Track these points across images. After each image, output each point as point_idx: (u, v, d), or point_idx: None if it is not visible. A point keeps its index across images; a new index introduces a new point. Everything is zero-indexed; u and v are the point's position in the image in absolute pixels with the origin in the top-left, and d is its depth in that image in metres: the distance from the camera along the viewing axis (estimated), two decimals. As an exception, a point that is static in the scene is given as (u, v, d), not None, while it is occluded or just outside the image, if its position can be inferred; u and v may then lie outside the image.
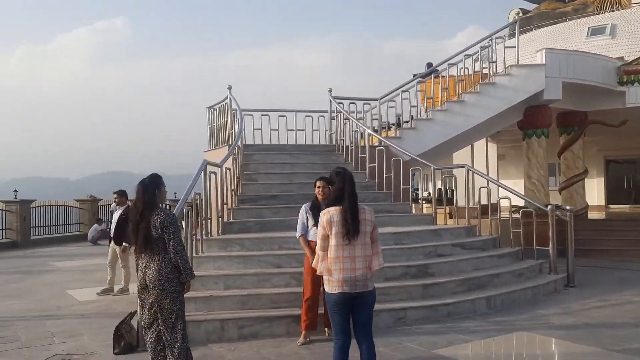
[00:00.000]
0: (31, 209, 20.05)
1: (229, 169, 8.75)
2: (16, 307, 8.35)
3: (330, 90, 11.43)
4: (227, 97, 10.75)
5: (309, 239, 5.92)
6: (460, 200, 9.89)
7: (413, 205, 10.66)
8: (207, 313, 6.31)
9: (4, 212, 19.14)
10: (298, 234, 6.02)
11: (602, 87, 12.83)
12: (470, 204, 9.31)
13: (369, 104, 11.89)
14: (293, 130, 11.57)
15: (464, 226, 9.15)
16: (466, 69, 11.82)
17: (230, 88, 10.68)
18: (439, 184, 17.07)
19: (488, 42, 12.11)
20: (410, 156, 9.98)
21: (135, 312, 6.00)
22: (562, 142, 14.22)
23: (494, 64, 11.95)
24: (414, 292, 6.96)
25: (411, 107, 11.77)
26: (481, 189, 9.28)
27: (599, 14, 25.38)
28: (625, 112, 13.33)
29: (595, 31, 20.78)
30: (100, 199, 23.40)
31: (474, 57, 11.92)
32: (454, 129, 11.65)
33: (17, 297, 9.25)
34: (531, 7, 31.11)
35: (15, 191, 19.68)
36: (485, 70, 11.95)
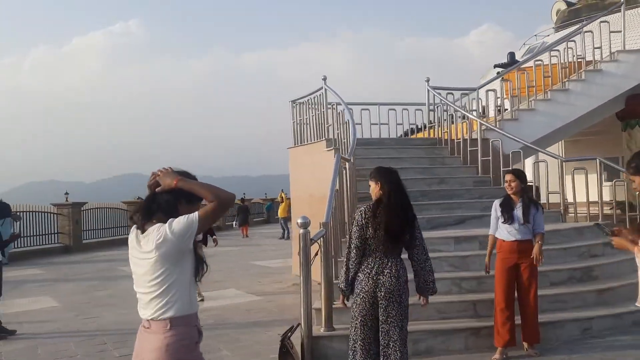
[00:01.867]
0: (82, 212, 19.53)
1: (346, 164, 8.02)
2: (126, 318, 7.67)
3: (427, 80, 10.66)
4: (320, 89, 10.03)
5: (499, 237, 5.22)
6: (579, 196, 9.06)
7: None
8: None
9: (55, 215, 18.62)
10: (490, 231, 5.35)
11: None
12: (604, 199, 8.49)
13: (467, 94, 11.10)
14: (386, 124, 10.84)
15: (604, 223, 8.34)
16: (560, 57, 10.91)
17: (325, 79, 9.97)
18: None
19: (590, 27, 11.28)
20: (536, 149, 9.20)
21: (299, 325, 5.31)
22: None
23: (599, 49, 11.12)
24: (588, 299, 6.19)
25: (511, 97, 10.96)
26: (616, 183, 8.47)
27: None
28: None
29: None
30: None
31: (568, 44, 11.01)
32: (559, 120, 10.86)
33: (114, 307, 8.61)
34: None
35: (67, 194, 19.16)
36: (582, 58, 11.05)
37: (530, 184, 8.56)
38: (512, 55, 14.97)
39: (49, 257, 16.78)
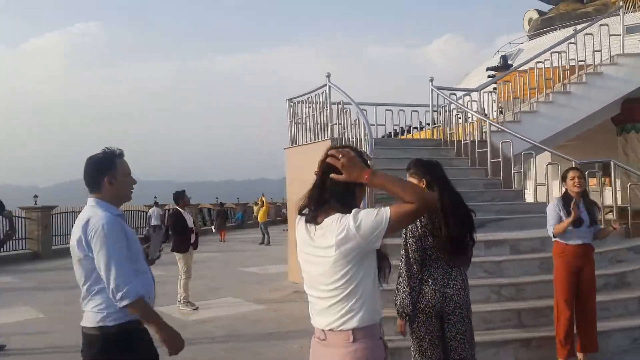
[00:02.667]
0: (52, 216, 18.47)
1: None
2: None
3: (431, 80, 10.36)
4: (323, 86, 9.59)
5: (561, 240, 4.88)
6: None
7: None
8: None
9: (23, 219, 17.53)
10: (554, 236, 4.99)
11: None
12: (618, 202, 8.32)
13: (470, 94, 10.86)
14: (383, 124, 10.53)
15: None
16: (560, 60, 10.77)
17: (329, 76, 9.55)
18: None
19: (589, 30, 11.19)
20: (549, 151, 8.99)
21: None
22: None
23: (599, 52, 11.05)
24: (630, 307, 5.93)
25: (513, 98, 10.77)
26: (631, 186, 8.31)
27: (618, 14, 25.09)
28: None
29: (632, 29, 20.27)
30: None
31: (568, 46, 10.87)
32: (561, 123, 10.71)
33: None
34: (546, 8, 30.66)
35: (35, 197, 18.12)
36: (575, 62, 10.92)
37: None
38: (504, 58, 14.89)
39: (17, 264, 15.73)
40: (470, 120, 10.33)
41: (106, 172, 2.71)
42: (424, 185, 3.59)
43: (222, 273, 12.08)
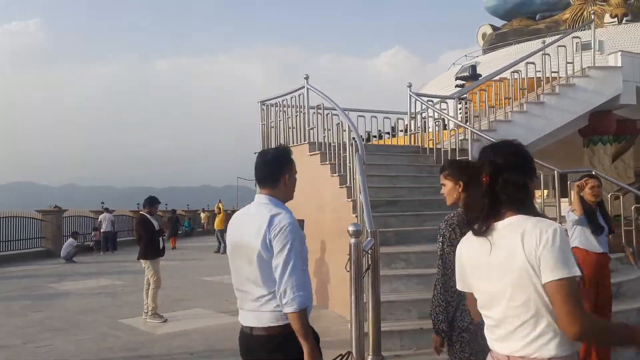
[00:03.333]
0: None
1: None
2: (86, 346, 6.33)
3: (409, 86, 10.14)
4: (300, 88, 9.21)
5: (582, 246, 4.65)
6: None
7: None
8: (417, 353, 4.82)
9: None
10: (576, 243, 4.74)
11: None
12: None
13: (446, 102, 10.72)
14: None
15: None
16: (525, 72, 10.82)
17: (307, 78, 9.17)
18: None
19: (562, 42, 11.31)
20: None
21: (349, 353, 4.42)
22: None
23: (571, 64, 11.16)
24: (631, 318, 5.81)
25: (487, 107, 10.69)
26: (612, 197, 8.31)
27: (571, 32, 26.03)
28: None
29: (585, 46, 20.97)
30: (66, 210, 20.60)
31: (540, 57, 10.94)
32: (535, 133, 10.69)
33: (64, 332, 7.20)
34: (499, 23, 31.51)
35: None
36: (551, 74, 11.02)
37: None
38: (473, 68, 14.96)
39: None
40: (448, 127, 10.17)
41: (286, 170, 2.66)
42: (460, 189, 3.24)
43: (183, 283, 11.40)
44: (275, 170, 2.64)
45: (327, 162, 8.30)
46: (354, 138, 7.58)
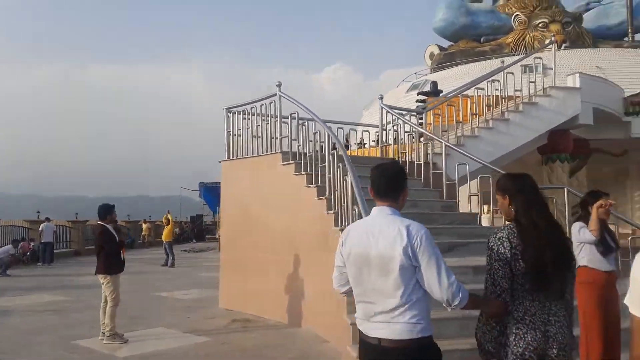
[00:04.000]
0: None
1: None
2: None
3: (381, 98, 10.00)
4: (272, 96, 8.88)
5: (592, 265, 4.52)
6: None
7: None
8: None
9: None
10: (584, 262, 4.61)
11: (615, 115, 12.87)
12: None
13: (416, 115, 10.64)
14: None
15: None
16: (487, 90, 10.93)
17: (279, 85, 8.84)
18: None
19: (529, 61, 11.53)
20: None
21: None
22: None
23: (533, 84, 11.36)
24: (624, 336, 5.75)
25: (455, 122, 10.67)
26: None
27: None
28: (628, 142, 13.55)
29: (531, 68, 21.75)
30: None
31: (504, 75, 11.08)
32: (500, 149, 10.78)
33: (15, 356, 6.49)
34: (446, 43, 32.29)
35: None
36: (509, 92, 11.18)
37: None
38: (434, 84, 15.04)
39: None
40: (418, 141, 10.06)
41: (405, 183, 2.87)
42: (507, 202, 3.02)
43: (137, 299, 10.69)
44: (397, 184, 2.81)
45: (303, 172, 7.96)
46: (334, 147, 7.32)
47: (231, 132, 9.84)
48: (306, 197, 7.82)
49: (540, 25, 29.13)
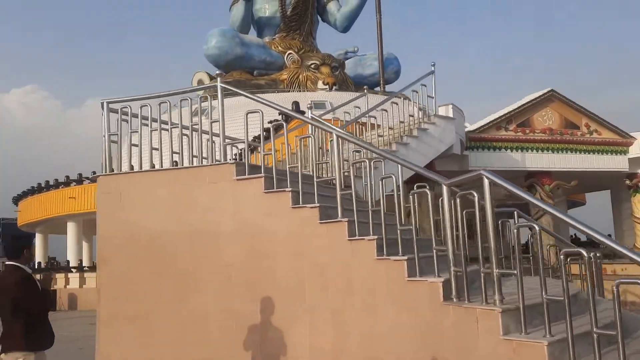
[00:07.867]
0: None
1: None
2: None
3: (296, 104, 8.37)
4: (206, 87, 6.63)
5: None
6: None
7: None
8: None
9: None
10: None
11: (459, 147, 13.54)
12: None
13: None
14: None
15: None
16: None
17: (219, 75, 6.64)
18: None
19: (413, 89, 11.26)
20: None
21: None
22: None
23: (422, 110, 11.14)
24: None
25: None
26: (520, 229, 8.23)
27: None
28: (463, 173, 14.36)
29: (318, 105, 22.44)
30: None
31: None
32: (404, 172, 10.19)
33: None
34: (214, 71, 31.35)
35: None
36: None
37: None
38: (297, 104, 13.72)
39: None
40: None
41: None
42: None
43: None
44: None
45: (286, 189, 5.92)
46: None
47: (117, 138, 7.00)
48: (291, 222, 5.81)
49: (312, 66, 30.43)
